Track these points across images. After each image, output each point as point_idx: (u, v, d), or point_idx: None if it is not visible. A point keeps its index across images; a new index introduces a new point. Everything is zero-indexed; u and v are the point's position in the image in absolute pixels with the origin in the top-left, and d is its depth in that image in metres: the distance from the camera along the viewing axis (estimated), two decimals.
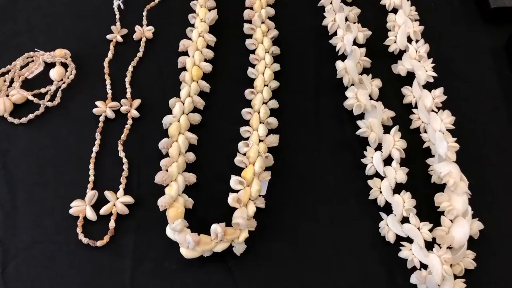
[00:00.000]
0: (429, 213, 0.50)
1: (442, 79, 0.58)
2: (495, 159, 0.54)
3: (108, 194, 0.51)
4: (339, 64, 0.58)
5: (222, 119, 0.57)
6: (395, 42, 0.61)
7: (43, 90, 0.59)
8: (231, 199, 0.48)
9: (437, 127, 0.52)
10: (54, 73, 0.60)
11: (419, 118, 0.55)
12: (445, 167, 0.49)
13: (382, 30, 0.63)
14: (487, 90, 0.59)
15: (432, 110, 0.55)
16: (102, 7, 0.66)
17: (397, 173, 0.50)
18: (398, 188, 0.50)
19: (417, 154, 0.54)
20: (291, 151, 0.55)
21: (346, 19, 0.63)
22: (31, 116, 0.57)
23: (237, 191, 0.49)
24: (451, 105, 0.55)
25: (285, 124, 0.56)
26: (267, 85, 0.58)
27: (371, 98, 0.56)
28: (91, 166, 0.53)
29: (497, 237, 0.49)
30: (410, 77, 0.59)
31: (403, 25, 0.60)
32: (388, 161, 0.52)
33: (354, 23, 0.63)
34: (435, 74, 0.57)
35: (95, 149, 0.54)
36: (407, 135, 0.54)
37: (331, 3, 0.64)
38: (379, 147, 0.53)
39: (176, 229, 0.46)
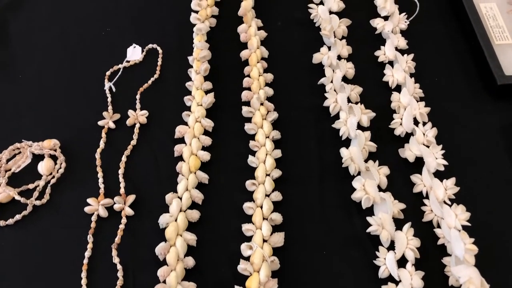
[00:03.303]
0: None
1: (452, 163, 0.55)
2: None
3: None
4: (344, 152, 0.56)
5: (222, 214, 0.54)
6: (400, 124, 0.58)
7: (30, 186, 0.56)
8: None
9: (451, 223, 0.49)
10: (43, 167, 0.56)
11: (432, 210, 0.52)
12: (463, 271, 0.46)
13: (386, 109, 0.61)
14: (499, 173, 0.56)
15: (445, 202, 0.52)
16: (93, 90, 0.63)
17: (413, 278, 0.47)
18: None
19: (431, 251, 0.50)
20: (298, 250, 0.51)
21: (348, 99, 0.60)
22: (18, 217, 0.53)
23: None
24: (464, 192, 0.53)
25: (290, 218, 0.53)
26: (268, 175, 0.55)
27: (379, 189, 0.53)
28: (83, 274, 0.49)
29: None
30: (418, 161, 0.56)
31: (409, 107, 0.58)
32: (402, 260, 0.49)
33: (357, 103, 0.61)
34: (445, 162, 0.54)
35: (87, 254, 0.51)
36: (420, 229, 0.51)
37: (331, 81, 0.62)
38: (391, 244, 0.50)
39: None
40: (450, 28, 0.69)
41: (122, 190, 0.55)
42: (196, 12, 0.69)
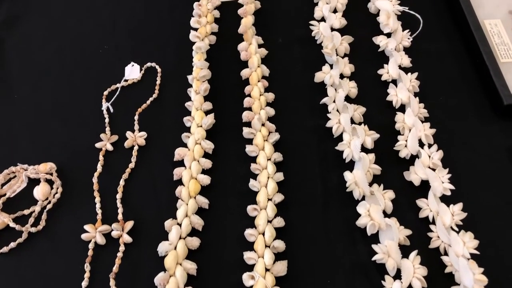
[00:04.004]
0: None
1: (458, 186, 0.54)
2: None
3: None
4: (348, 176, 0.54)
5: (223, 242, 0.52)
6: (405, 146, 0.57)
7: (26, 212, 0.54)
8: None
9: (459, 251, 0.48)
10: (38, 192, 0.55)
11: (438, 237, 0.51)
12: None
13: (390, 130, 0.59)
14: (508, 196, 0.55)
15: (452, 228, 0.50)
16: (90, 110, 0.62)
17: None
18: None
19: (439, 280, 0.49)
20: (301, 280, 0.50)
21: (352, 120, 0.59)
22: (12, 244, 0.52)
23: None
24: (472, 217, 0.51)
25: (293, 246, 0.51)
26: (270, 199, 0.54)
27: (384, 214, 0.52)
28: None
29: None
30: (424, 184, 0.55)
31: (414, 129, 0.56)
32: None
33: (360, 123, 0.59)
34: (452, 187, 0.53)
35: (84, 283, 0.49)
36: (426, 256, 0.50)
37: (334, 101, 0.61)
38: (397, 272, 0.48)
39: None
40: (454, 46, 0.67)
41: (120, 216, 0.53)
42: (196, 29, 0.67)
